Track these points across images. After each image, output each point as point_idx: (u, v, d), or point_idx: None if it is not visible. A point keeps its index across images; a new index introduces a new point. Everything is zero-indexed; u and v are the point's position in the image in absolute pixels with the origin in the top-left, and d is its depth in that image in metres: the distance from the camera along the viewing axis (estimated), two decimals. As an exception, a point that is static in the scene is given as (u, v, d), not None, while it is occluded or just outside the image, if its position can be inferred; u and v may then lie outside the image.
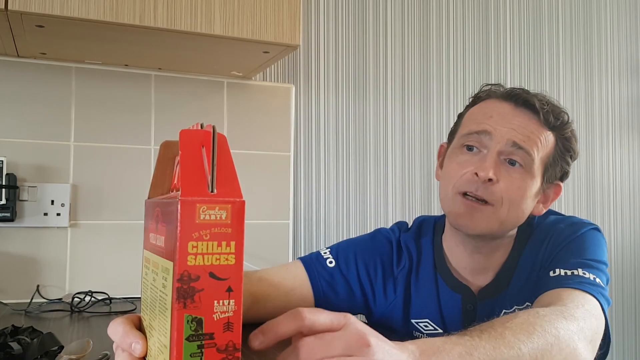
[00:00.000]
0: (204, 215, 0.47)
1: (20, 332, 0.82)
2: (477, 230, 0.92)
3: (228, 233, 0.47)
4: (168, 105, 1.50)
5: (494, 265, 0.99)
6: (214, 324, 0.46)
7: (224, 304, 0.47)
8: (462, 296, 0.99)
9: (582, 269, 0.86)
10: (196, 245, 0.47)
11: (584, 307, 0.78)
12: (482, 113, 0.96)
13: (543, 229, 0.99)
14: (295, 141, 1.64)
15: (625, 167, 2.12)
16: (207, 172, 0.48)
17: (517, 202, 0.91)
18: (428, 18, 1.83)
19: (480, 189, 0.90)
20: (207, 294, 0.46)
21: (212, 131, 0.48)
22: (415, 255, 1.05)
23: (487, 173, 0.89)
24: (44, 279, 1.36)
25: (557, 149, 0.95)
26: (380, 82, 1.76)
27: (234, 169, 0.49)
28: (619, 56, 2.13)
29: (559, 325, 0.70)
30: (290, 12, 1.25)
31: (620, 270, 2.09)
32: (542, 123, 0.93)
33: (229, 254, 0.47)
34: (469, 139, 0.94)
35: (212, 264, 0.47)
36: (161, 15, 1.14)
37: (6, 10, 1.04)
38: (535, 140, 0.92)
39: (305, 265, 1.04)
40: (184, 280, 0.46)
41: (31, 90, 1.38)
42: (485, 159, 0.91)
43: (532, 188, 0.93)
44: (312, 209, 1.66)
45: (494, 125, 0.92)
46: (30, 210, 1.35)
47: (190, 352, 0.46)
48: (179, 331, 0.46)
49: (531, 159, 0.91)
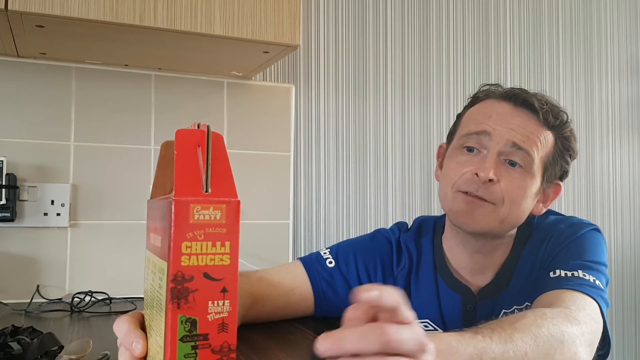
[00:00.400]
0: (198, 216, 0.47)
1: (20, 332, 0.82)
2: (478, 227, 0.92)
3: (223, 233, 0.47)
4: (168, 105, 1.50)
5: (494, 265, 0.99)
6: (208, 324, 0.46)
7: (219, 304, 0.46)
8: (462, 296, 0.99)
9: (582, 271, 0.86)
10: (190, 245, 0.46)
11: (585, 310, 0.79)
12: (481, 113, 0.96)
13: (543, 229, 0.99)
14: (295, 141, 1.64)
15: (626, 167, 2.12)
16: (202, 172, 0.48)
17: (518, 201, 0.91)
18: (428, 18, 1.83)
19: (480, 189, 0.90)
20: (201, 294, 0.46)
21: (207, 131, 0.48)
22: (415, 256, 1.05)
23: (487, 174, 0.89)
24: (44, 279, 1.36)
25: (556, 148, 0.95)
26: (380, 82, 1.76)
27: (229, 169, 0.49)
28: (619, 56, 2.13)
29: (564, 329, 0.71)
30: (290, 12, 1.25)
31: (621, 271, 2.09)
32: (541, 123, 0.93)
33: (224, 254, 0.47)
34: (468, 139, 0.94)
35: (207, 264, 0.46)
36: (161, 15, 1.14)
37: (6, 10, 1.04)
38: (535, 140, 0.92)
39: (305, 265, 1.04)
40: (178, 280, 0.46)
41: (31, 90, 1.38)
42: (485, 159, 0.91)
43: (532, 188, 0.93)
44: (312, 209, 1.65)
45: (493, 126, 0.92)
46: (30, 210, 1.35)
47: (185, 353, 0.46)
48: (173, 331, 0.46)
49: (531, 159, 0.91)
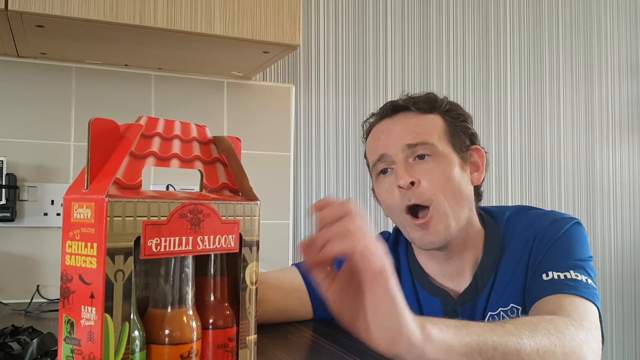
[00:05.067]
0: (77, 214, 0.45)
1: (20, 332, 0.82)
2: (441, 239, 0.93)
3: (92, 234, 0.44)
4: (168, 105, 1.50)
5: (468, 266, 0.99)
6: (81, 330, 0.43)
7: (88, 310, 0.43)
8: (441, 300, 0.99)
9: (574, 271, 0.88)
10: (71, 245, 0.45)
11: (588, 318, 0.80)
12: (372, 141, 1.01)
13: (524, 228, 0.99)
14: (295, 141, 1.64)
15: (625, 168, 2.12)
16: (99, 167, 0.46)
17: (449, 186, 0.93)
18: (428, 18, 1.83)
19: (412, 198, 0.92)
20: (77, 297, 0.44)
21: (88, 126, 0.45)
22: (395, 265, 1.06)
23: (405, 180, 0.91)
24: (44, 279, 1.36)
25: (447, 121, 0.98)
26: (380, 82, 1.76)
27: (120, 162, 0.45)
28: (619, 56, 2.13)
29: (566, 331, 0.71)
30: (290, 12, 1.25)
31: (621, 270, 2.09)
32: (417, 113, 0.97)
33: (92, 256, 0.43)
34: (377, 167, 0.98)
35: (81, 265, 0.44)
36: (161, 15, 1.14)
37: (6, 10, 1.04)
38: (423, 129, 0.95)
39: (301, 271, 1.05)
40: (63, 279, 0.45)
41: (31, 90, 1.38)
42: (397, 170, 0.94)
43: (452, 166, 0.95)
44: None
45: (384, 144, 0.97)
46: (30, 210, 1.35)
47: (66, 355, 0.44)
48: (60, 330, 0.45)
49: (433, 145, 0.94)
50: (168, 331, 0.48)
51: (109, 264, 0.42)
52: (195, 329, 0.50)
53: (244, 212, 0.55)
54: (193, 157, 0.53)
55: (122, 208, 0.44)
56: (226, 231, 0.52)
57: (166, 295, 0.50)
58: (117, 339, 0.43)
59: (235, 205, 0.54)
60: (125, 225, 0.44)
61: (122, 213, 0.44)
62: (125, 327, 0.43)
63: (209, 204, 0.51)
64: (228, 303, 0.55)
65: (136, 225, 0.44)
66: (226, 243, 0.52)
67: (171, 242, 0.47)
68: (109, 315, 0.42)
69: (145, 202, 0.45)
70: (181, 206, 0.48)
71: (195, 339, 0.50)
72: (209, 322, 0.53)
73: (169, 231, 0.47)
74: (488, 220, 1.02)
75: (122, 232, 0.43)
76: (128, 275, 0.44)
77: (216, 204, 0.51)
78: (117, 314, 0.43)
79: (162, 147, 0.50)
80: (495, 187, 1.88)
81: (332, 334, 0.95)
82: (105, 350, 0.42)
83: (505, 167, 1.91)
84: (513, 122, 1.93)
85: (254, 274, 0.55)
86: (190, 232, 0.48)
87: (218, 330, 0.53)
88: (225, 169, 0.57)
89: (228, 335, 0.53)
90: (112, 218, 0.43)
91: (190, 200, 0.49)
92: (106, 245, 0.42)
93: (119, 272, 0.43)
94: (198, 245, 0.49)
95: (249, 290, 0.54)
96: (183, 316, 0.50)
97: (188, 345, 0.49)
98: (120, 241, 0.43)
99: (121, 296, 0.43)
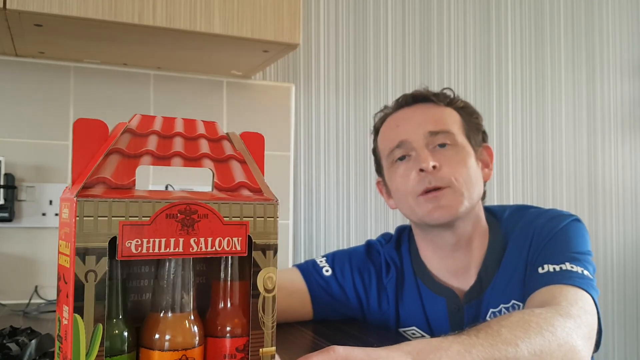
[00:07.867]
0: (63, 214, 0.45)
1: (18, 333, 0.81)
2: (451, 214, 0.93)
3: (68, 233, 0.43)
4: (167, 105, 1.49)
5: (474, 263, 0.99)
6: (63, 328, 0.44)
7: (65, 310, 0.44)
8: (446, 298, 0.99)
9: (569, 263, 0.88)
10: (60, 244, 0.45)
11: (577, 304, 0.80)
12: (388, 130, 1.01)
13: (524, 225, 0.99)
14: (295, 141, 1.64)
15: (628, 167, 2.11)
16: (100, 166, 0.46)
17: (467, 173, 0.95)
18: (428, 18, 1.83)
19: (432, 181, 0.93)
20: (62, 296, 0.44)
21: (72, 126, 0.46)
22: (399, 265, 1.06)
23: (428, 163, 0.92)
24: (42, 280, 1.36)
25: (463, 117, 1.00)
26: (380, 82, 1.75)
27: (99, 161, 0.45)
28: (621, 56, 2.13)
29: (555, 323, 0.71)
30: (290, 11, 1.25)
31: (622, 270, 2.08)
32: (438, 105, 0.99)
33: (67, 255, 0.43)
34: (394, 153, 0.98)
35: (63, 265, 0.44)
36: (160, 14, 1.14)
37: (4, 9, 1.03)
38: (444, 119, 0.98)
39: (302, 272, 1.06)
40: (59, 278, 0.46)
41: (29, 89, 1.37)
42: (419, 155, 0.94)
43: (469, 157, 0.97)
44: (312, 209, 1.65)
45: (404, 131, 0.97)
46: (28, 210, 1.35)
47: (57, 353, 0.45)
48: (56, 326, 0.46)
49: (453, 134, 0.96)
50: (158, 335, 0.47)
51: (78, 264, 0.42)
52: (194, 335, 0.48)
53: (255, 213, 0.50)
54: (200, 155, 0.50)
55: (94, 208, 0.42)
56: (230, 233, 0.48)
57: (161, 299, 0.48)
58: (89, 340, 0.42)
59: (242, 206, 0.49)
60: (97, 225, 0.43)
61: (93, 213, 0.42)
62: (98, 329, 0.42)
63: (207, 204, 0.48)
64: (243, 311, 0.51)
65: (111, 225, 0.43)
66: (230, 246, 0.48)
67: (155, 243, 0.45)
68: (79, 316, 0.41)
69: (122, 202, 0.43)
70: (169, 206, 0.45)
71: (193, 345, 0.48)
72: (217, 329, 0.51)
73: (153, 232, 0.45)
74: (490, 218, 1.02)
75: (93, 232, 0.42)
76: (101, 276, 0.42)
77: (216, 204, 0.48)
78: (89, 315, 0.42)
79: (161, 146, 0.48)
80: (497, 186, 1.88)
81: (332, 335, 0.95)
82: (75, 350, 0.41)
83: (507, 166, 1.90)
84: (514, 122, 1.93)
85: (270, 280, 0.50)
86: (181, 234, 0.46)
87: (224, 339, 0.50)
88: (243, 166, 0.52)
89: (236, 345, 0.50)
90: (82, 218, 0.42)
91: (181, 200, 0.46)
92: (75, 245, 0.42)
93: (91, 273, 0.42)
94: (192, 247, 0.46)
95: (262, 298, 0.50)
96: (179, 321, 0.48)
97: (179, 352, 0.47)
98: (91, 241, 0.42)
99: (93, 297, 0.42)
